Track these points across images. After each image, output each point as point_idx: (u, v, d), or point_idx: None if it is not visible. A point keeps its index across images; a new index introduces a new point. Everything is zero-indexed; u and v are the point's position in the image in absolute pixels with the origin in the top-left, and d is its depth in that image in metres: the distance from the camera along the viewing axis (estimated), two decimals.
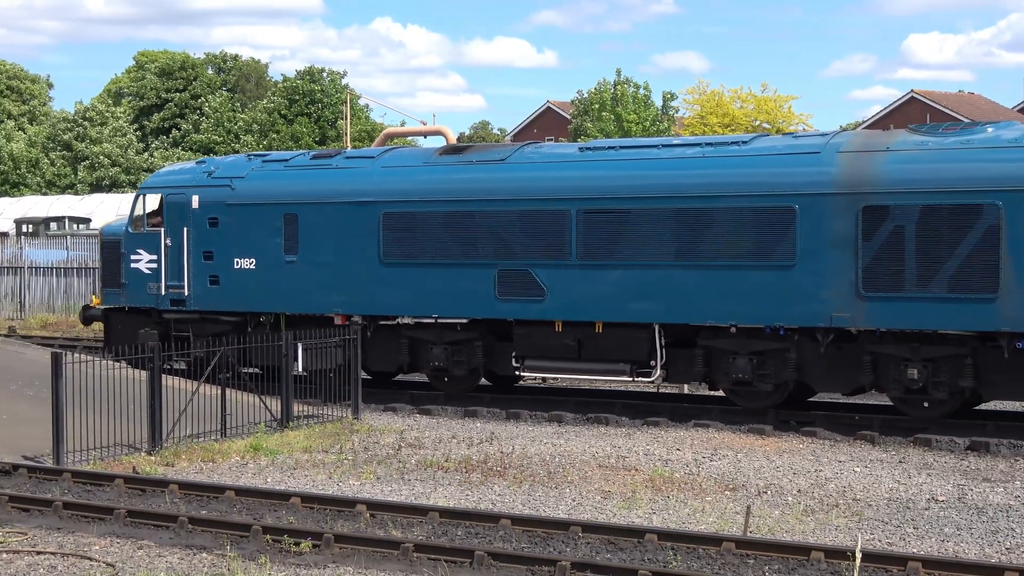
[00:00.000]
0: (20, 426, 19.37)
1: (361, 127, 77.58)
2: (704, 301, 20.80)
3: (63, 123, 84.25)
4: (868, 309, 19.67)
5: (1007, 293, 18.72)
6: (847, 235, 19.73)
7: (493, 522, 13.43)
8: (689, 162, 21.40)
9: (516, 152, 23.21)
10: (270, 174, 24.95)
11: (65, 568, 12.20)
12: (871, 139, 20.87)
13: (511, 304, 22.28)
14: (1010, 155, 19.03)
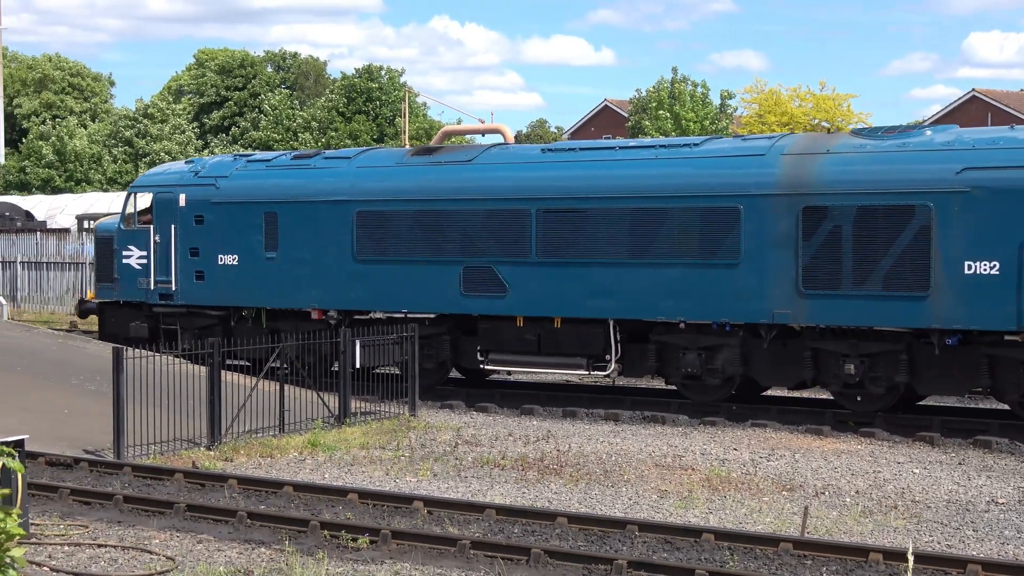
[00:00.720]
0: (81, 420, 19.57)
1: (419, 125, 77.77)
2: (655, 298, 21.61)
3: (124, 120, 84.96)
4: (808, 306, 20.40)
5: (937, 291, 19.40)
6: (788, 235, 20.47)
7: (549, 520, 13.44)
8: (642, 164, 22.20)
9: (483, 153, 24.03)
10: (252, 174, 25.96)
11: (126, 561, 12.32)
12: (814, 142, 21.60)
13: (476, 300, 23.13)
14: (941, 158, 19.71)
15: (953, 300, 19.33)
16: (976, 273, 19.12)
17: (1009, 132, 20.37)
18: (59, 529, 13.48)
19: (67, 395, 21.37)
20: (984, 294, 19.11)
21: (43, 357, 24.09)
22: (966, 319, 19.34)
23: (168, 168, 28.86)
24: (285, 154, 26.88)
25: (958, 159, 19.56)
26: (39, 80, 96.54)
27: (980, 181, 19.24)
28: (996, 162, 19.31)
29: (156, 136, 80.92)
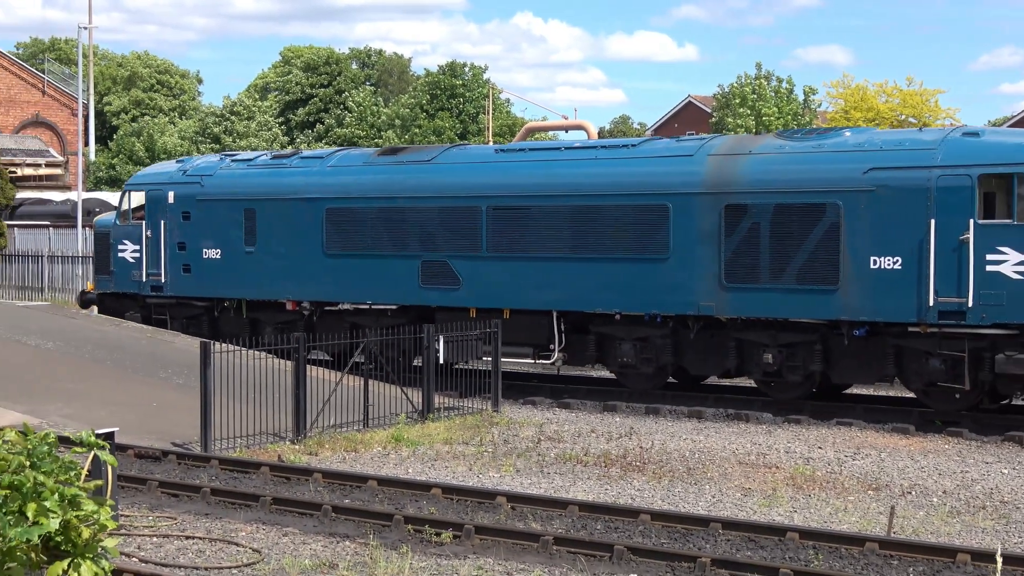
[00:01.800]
0: (169, 413, 19.83)
1: (502, 122, 77.90)
2: (594, 291, 22.78)
3: (211, 117, 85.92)
4: (730, 299, 21.58)
5: (846, 285, 20.52)
6: (712, 231, 21.64)
7: (632, 517, 13.41)
8: (583, 164, 23.37)
9: (442, 154, 25.44)
10: (234, 173, 27.49)
11: (213, 553, 12.46)
12: (739, 143, 22.95)
13: (432, 292, 24.44)
14: (850, 159, 20.80)
15: (860, 293, 20.42)
16: (881, 268, 20.22)
17: (916, 134, 21.57)
18: (148, 521, 13.66)
19: (155, 389, 21.66)
20: (888, 288, 20.19)
21: (132, 351, 24.44)
22: (872, 311, 20.42)
23: (160, 167, 30.48)
24: (265, 154, 28.37)
25: (865, 160, 20.62)
26: (128, 78, 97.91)
27: (884, 180, 20.31)
28: (898, 163, 20.35)
29: (243, 133, 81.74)
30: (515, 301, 23.59)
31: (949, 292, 19.70)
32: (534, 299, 23.37)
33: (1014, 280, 19.30)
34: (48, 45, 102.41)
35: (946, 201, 19.75)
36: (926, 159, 20.17)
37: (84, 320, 27.57)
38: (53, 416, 18.93)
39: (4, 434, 8.04)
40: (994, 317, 19.51)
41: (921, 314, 19.94)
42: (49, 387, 21.16)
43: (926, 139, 20.74)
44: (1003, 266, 19.40)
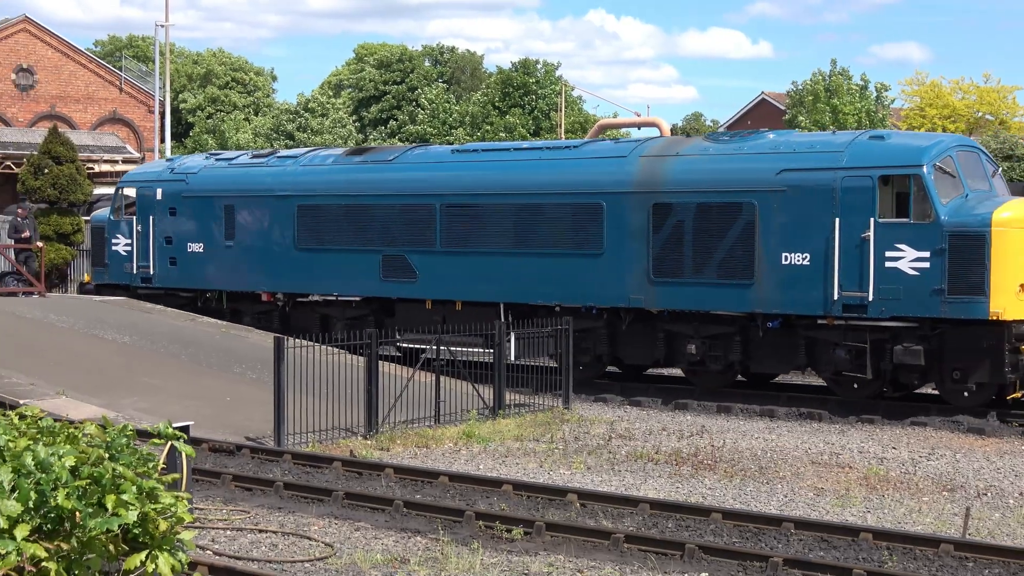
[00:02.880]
0: (243, 408, 19.99)
1: (574, 119, 77.87)
2: (536, 284, 24.17)
3: (286, 114, 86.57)
4: (657, 292, 22.92)
5: (760, 279, 21.81)
6: (641, 228, 23.01)
7: (704, 516, 13.36)
8: (527, 164, 24.85)
9: (403, 154, 26.99)
10: (216, 171, 29.26)
11: (286, 547, 12.56)
12: (669, 145, 24.08)
13: (392, 284, 25.99)
14: (765, 160, 22.06)
15: (773, 288, 21.72)
16: (791, 264, 21.52)
17: (829, 137, 22.82)
18: (222, 514, 13.79)
19: (229, 383, 21.86)
20: (798, 282, 21.45)
21: (206, 346, 24.69)
22: (783, 304, 21.72)
23: (151, 166, 32.66)
24: (246, 154, 30.17)
25: (778, 161, 21.88)
26: (204, 75, 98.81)
27: (794, 181, 21.57)
28: (808, 164, 21.58)
29: (317, 130, 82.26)
30: (466, 293, 25.01)
31: (852, 287, 20.90)
32: (483, 292, 24.78)
33: (910, 276, 20.48)
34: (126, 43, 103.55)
35: (849, 201, 20.94)
36: (832, 161, 21.37)
37: (160, 315, 27.89)
38: (129, 410, 19.16)
39: (84, 427, 8.16)
40: (892, 310, 20.72)
41: (827, 307, 21.21)
42: (125, 381, 21.42)
43: (835, 142, 21.91)
44: (900, 262, 20.59)
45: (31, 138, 58.77)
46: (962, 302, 20.18)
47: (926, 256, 20.40)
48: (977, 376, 20.66)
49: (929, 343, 20.72)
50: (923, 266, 20.40)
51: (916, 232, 20.45)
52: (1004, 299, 20.05)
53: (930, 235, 20.36)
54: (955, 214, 20.38)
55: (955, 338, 20.65)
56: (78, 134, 61.39)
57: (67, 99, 67.52)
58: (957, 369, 20.85)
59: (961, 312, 20.24)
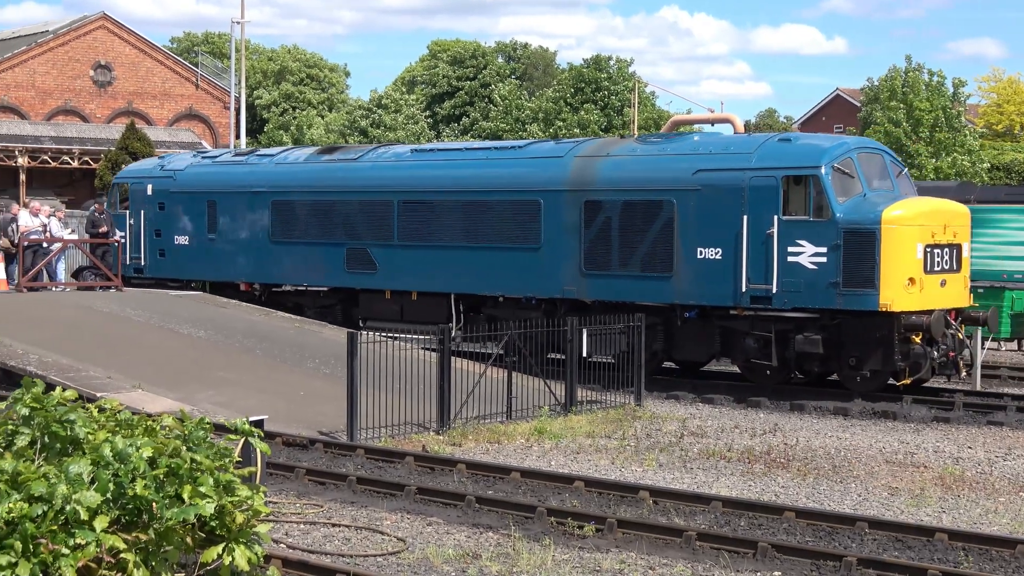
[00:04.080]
0: (316, 403, 20.12)
1: (647, 115, 77.60)
2: (482, 276, 25.68)
3: (359, 111, 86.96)
4: (588, 284, 24.43)
5: (678, 273, 23.23)
6: (574, 224, 24.50)
7: (777, 514, 13.29)
8: (476, 164, 26.49)
9: (368, 153, 28.77)
10: (201, 168, 31.25)
11: (359, 541, 12.63)
12: (601, 146, 25.67)
13: (356, 276, 27.69)
14: (684, 160, 23.51)
15: (690, 280, 23.13)
16: (706, 258, 22.89)
17: (742, 139, 24.15)
18: (295, 507, 13.90)
19: (303, 377, 22.01)
20: (712, 275, 22.81)
21: (280, 340, 24.87)
22: (699, 296, 23.15)
23: (143, 163, 34.54)
24: (228, 152, 32.65)
25: (695, 162, 23.31)
26: (278, 72, 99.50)
27: (708, 180, 22.98)
28: (721, 165, 22.97)
29: (390, 126, 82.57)
30: (421, 285, 26.68)
31: (759, 280, 22.25)
32: (436, 283, 26.43)
33: (809, 269, 21.82)
34: (202, 40, 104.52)
35: (756, 199, 22.33)
36: (742, 162, 22.78)
37: (234, 309, 28.13)
38: (204, 403, 19.34)
39: (162, 419, 8.26)
40: (794, 302, 22.06)
41: (737, 299, 22.61)
42: (200, 375, 21.63)
43: (748, 144, 23.40)
44: (801, 257, 21.90)
45: (109, 134, 59.48)
46: (855, 294, 21.51)
47: (823, 252, 21.71)
48: (871, 364, 22.07)
49: (827, 332, 22.09)
50: (821, 261, 21.73)
51: (815, 229, 21.81)
52: (893, 292, 21.36)
53: (827, 232, 21.70)
54: (850, 212, 21.70)
55: (850, 328, 22.07)
56: (155, 130, 62.05)
57: (144, 95, 68.23)
58: (853, 357, 22.28)
59: (854, 304, 21.57)
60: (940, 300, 22.00)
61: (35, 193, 52.87)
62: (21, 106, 64.32)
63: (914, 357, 21.77)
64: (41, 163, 57.41)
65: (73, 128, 61.96)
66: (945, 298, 22.17)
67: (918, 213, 22.01)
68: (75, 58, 66.12)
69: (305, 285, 29.21)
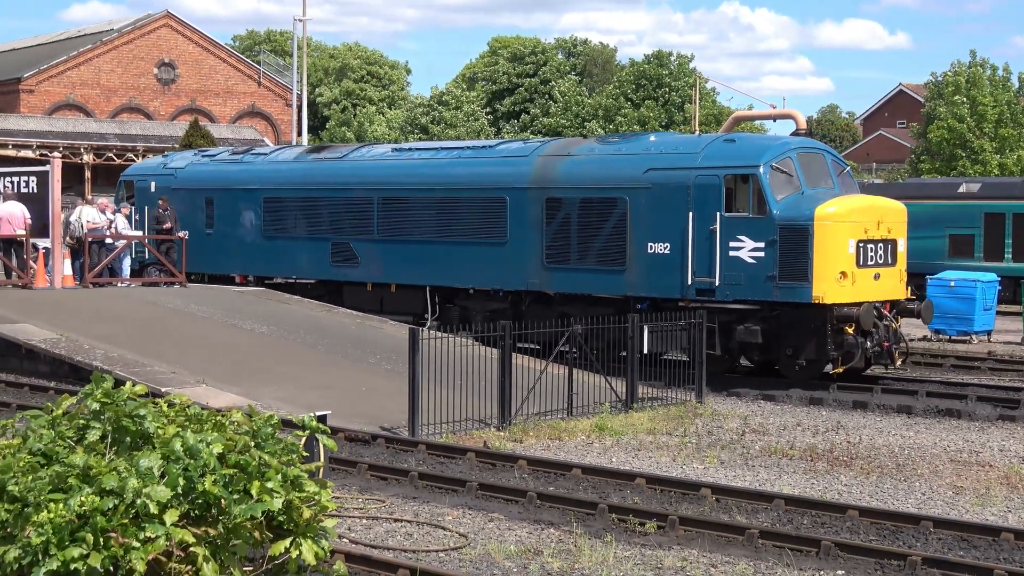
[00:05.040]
0: (377, 398, 20.22)
1: (708, 111, 77.31)
2: (454, 270, 27.03)
3: (420, 107, 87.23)
4: (550, 277, 25.69)
5: (631, 266, 24.45)
6: (537, 220, 25.78)
7: (840, 512, 13.22)
8: (448, 162, 27.88)
9: (352, 152, 30.48)
10: (200, 166, 32.80)
11: (420, 536, 12.69)
12: (563, 146, 27.11)
13: (340, 269, 29.14)
14: (637, 160, 24.70)
15: (642, 273, 24.32)
16: (655, 253, 24.09)
17: (691, 139, 25.81)
18: (358, 503, 13.97)
19: (364, 373, 22.13)
20: (661, 269, 24.01)
21: (342, 336, 25.02)
22: (650, 289, 24.28)
23: (148, 162, 36.34)
24: (226, 150, 34.25)
25: (646, 161, 24.50)
26: (340, 69, 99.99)
27: (657, 179, 24.16)
28: (669, 164, 24.15)
29: (450, 122, 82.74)
30: (399, 277, 28.01)
31: (703, 273, 23.42)
32: (412, 276, 27.77)
33: (749, 264, 22.92)
34: (264, 38, 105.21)
35: (701, 197, 23.45)
36: (689, 161, 23.96)
37: (296, 305, 28.33)
38: (267, 398, 19.48)
39: (230, 415, 8.34)
40: (735, 294, 23.16)
41: (684, 291, 23.74)
42: (263, 370, 21.79)
43: (695, 144, 24.76)
44: (741, 252, 22.98)
45: (172, 131, 59.98)
46: (790, 287, 22.57)
47: (761, 246, 22.82)
48: (807, 353, 22.94)
49: (767, 323, 23.13)
50: (759, 255, 22.86)
51: (753, 225, 22.96)
52: (825, 285, 22.39)
53: (764, 228, 22.81)
54: (786, 209, 22.77)
55: (787, 319, 23.10)
56: (217, 127, 62.53)
57: (207, 93, 68.77)
58: (790, 346, 23.30)
59: (790, 296, 22.64)
60: (873, 293, 23.04)
61: (100, 190, 53.41)
62: (87, 104, 65.04)
63: (847, 347, 22.77)
64: (106, 160, 58.01)
65: (137, 126, 62.57)
66: (879, 291, 23.19)
67: (850, 210, 23.00)
68: (139, 56, 66.77)
69: (295, 278, 30.68)
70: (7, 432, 8.44)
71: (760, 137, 27.46)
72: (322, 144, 33.09)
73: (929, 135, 66.78)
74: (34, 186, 30.05)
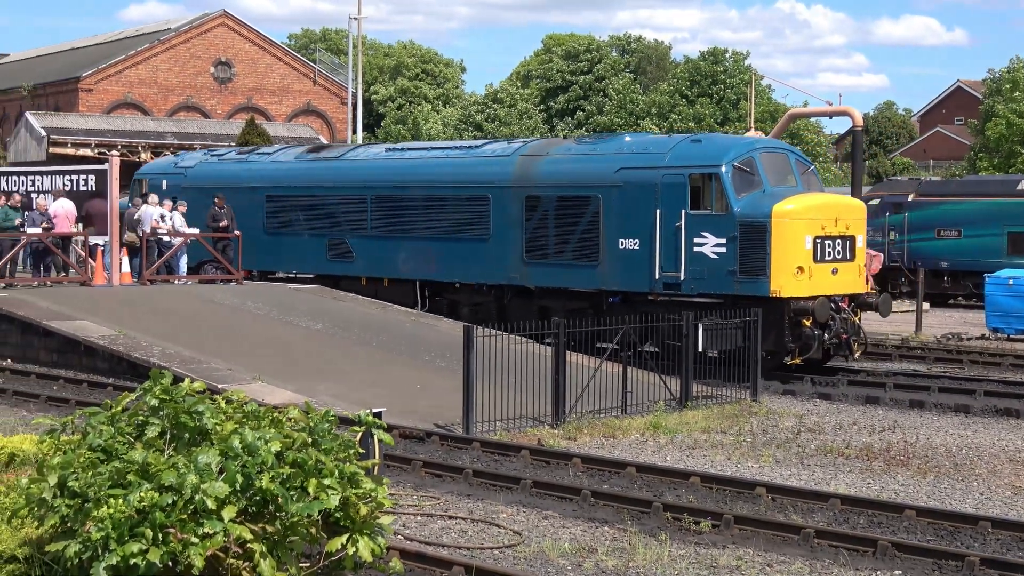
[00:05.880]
0: (432, 395, 20.25)
1: (763, 108, 76.92)
2: (441, 264, 28.28)
3: (474, 105, 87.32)
4: (529, 271, 26.83)
5: (603, 261, 25.53)
6: (517, 217, 26.91)
7: (896, 512, 13.14)
8: (436, 162, 29.12)
9: (348, 152, 32.04)
10: (208, 165, 34.03)
11: (475, 533, 12.71)
12: (543, 146, 28.39)
13: (336, 264, 30.42)
14: (609, 159, 25.89)
15: (613, 268, 25.38)
16: (626, 248, 25.16)
17: (661, 140, 26.78)
18: (412, 500, 14.01)
19: (418, 370, 22.17)
20: (631, 264, 25.08)
21: (397, 334, 25.09)
22: (621, 283, 25.42)
23: (160, 161, 37.65)
24: (233, 150, 35.94)
25: (617, 161, 25.61)
26: (394, 67, 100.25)
27: (627, 178, 25.24)
28: (639, 164, 25.25)
29: (504, 120, 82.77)
30: (391, 272, 29.33)
31: (670, 268, 24.46)
32: (403, 271, 29.07)
33: (712, 259, 23.98)
34: (319, 36, 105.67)
35: (668, 195, 24.53)
36: (657, 161, 25.03)
37: (351, 302, 28.44)
38: (322, 395, 19.56)
39: (287, 412, 8.39)
40: (699, 288, 24.28)
41: (652, 285, 24.80)
42: (318, 367, 21.89)
43: (663, 144, 25.80)
44: (704, 247, 24.06)
45: (229, 130, 60.37)
46: (750, 281, 23.64)
47: (723, 243, 23.86)
48: (766, 344, 23.12)
49: (728, 316, 23.13)
50: (721, 251, 23.91)
51: (716, 222, 24.00)
52: (783, 279, 23.45)
53: (726, 225, 23.87)
54: (747, 207, 23.79)
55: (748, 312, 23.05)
56: (273, 125, 62.87)
57: (263, 91, 69.15)
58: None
59: (749, 290, 23.58)
60: (831, 287, 24.02)
61: None
62: (144, 103, 65.56)
63: (804, 339, 23.64)
64: None
65: (194, 124, 63.03)
66: (836, 285, 24.19)
67: (807, 207, 23.98)
68: (196, 55, 67.24)
69: (295, 272, 32.02)
70: (68, 429, 8.52)
71: (726, 138, 29.17)
72: (320, 144, 35.16)
73: (987, 132, 66.17)
74: (92, 184, 30.31)
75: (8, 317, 25.44)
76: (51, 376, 23.10)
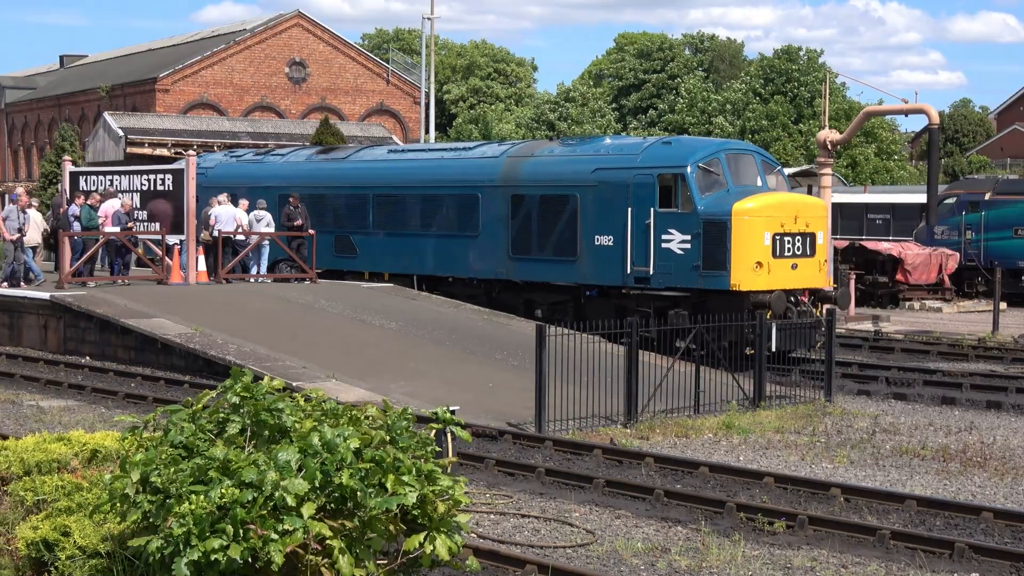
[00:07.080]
0: (504, 394, 20.33)
1: (838, 106, 76.30)
2: (436, 260, 30.28)
3: (547, 104, 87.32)
4: (515, 266, 28.65)
5: (581, 257, 27.20)
6: (504, 215, 28.72)
7: (974, 514, 13.03)
8: (432, 163, 31.22)
9: (354, 153, 34.21)
10: (227, 166, 36.19)
11: (547, 532, 12.75)
12: (528, 147, 30.16)
13: (341, 259, 32.54)
14: (587, 161, 27.60)
15: (590, 263, 27.01)
16: (601, 244, 26.71)
17: (636, 142, 28.27)
18: (485, 498, 14.08)
19: (491, 369, 22.25)
20: (606, 259, 26.64)
21: (470, 333, 25.19)
22: (597, 277, 27.03)
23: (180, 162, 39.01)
24: (251, 151, 38.11)
25: (594, 162, 27.35)
26: (467, 67, 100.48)
27: (603, 178, 26.91)
28: (614, 164, 26.91)
29: (577, 119, 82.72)
30: (391, 267, 31.28)
31: (640, 263, 26.00)
32: (402, 266, 31.02)
33: (678, 254, 25.44)
34: (392, 36, 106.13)
35: (639, 194, 26.09)
36: (629, 162, 26.64)
37: (424, 301, 28.60)
38: (395, 393, 19.68)
39: (366, 409, 8.48)
40: (667, 282, 25.73)
41: (624, 280, 26.38)
42: (391, 365, 22.03)
43: (636, 147, 27.39)
44: (672, 244, 25.49)
45: (303, 129, 60.81)
46: (712, 276, 25.06)
47: (688, 239, 25.32)
48: (727, 336, 23.05)
49: (694, 309, 24.71)
50: (686, 247, 25.36)
51: (681, 220, 25.50)
52: (742, 273, 24.82)
53: (690, 222, 25.36)
54: (710, 205, 25.22)
55: (711, 305, 24.71)
56: (347, 125, 63.24)
57: (336, 91, 69.57)
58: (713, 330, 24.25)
59: (711, 284, 25.06)
60: (790, 281, 25.30)
61: None
62: (220, 103, 66.19)
63: None
64: None
65: (269, 124, 63.54)
66: (796, 279, 25.49)
67: (766, 205, 25.31)
68: (271, 56, 67.79)
69: None
70: (149, 426, 8.66)
71: (694, 140, 31.31)
72: (329, 146, 37.50)
73: None
74: (169, 184, 30.68)
75: (87, 315, 25.84)
76: (129, 373, 23.41)
